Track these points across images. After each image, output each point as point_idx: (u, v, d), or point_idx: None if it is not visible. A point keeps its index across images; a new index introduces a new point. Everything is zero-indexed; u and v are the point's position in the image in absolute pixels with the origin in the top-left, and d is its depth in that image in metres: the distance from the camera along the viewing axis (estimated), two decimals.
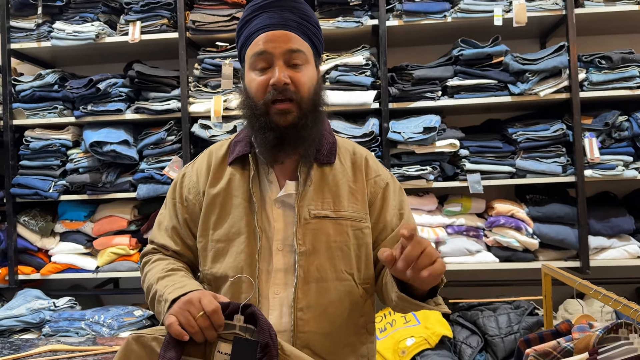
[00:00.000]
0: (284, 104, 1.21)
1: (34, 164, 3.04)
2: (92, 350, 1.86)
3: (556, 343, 1.51)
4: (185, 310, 1.06)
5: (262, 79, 1.23)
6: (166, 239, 1.36)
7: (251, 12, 1.27)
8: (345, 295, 1.26)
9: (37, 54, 3.25)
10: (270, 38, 1.22)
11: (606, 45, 3.03)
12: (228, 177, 1.31)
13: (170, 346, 1.04)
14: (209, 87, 2.95)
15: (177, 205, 1.36)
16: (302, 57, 1.25)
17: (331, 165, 1.31)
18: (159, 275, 1.26)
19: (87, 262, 3.03)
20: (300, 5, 1.27)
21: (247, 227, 1.26)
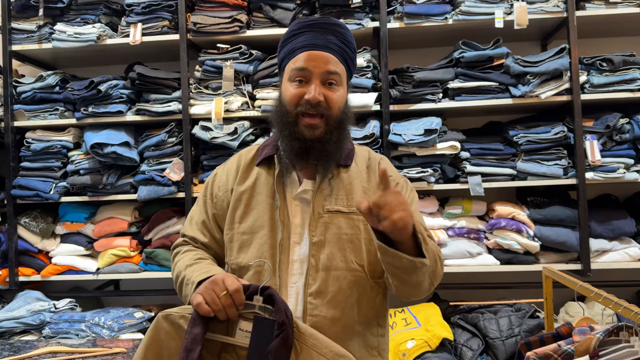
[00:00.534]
0: (314, 119, 1.34)
1: (35, 165, 3.04)
2: (92, 352, 1.86)
3: (557, 346, 1.51)
4: (211, 290, 1.15)
5: (297, 91, 1.35)
6: (196, 232, 1.47)
7: (298, 29, 1.38)
8: (354, 285, 1.33)
9: (38, 55, 3.25)
10: (312, 57, 1.34)
11: (607, 48, 3.03)
12: (255, 176, 1.44)
13: (196, 323, 1.14)
14: (210, 89, 2.95)
15: (208, 201, 1.48)
16: (338, 78, 1.36)
17: (347, 167, 1.42)
18: (188, 263, 1.36)
19: (88, 263, 3.03)
20: (343, 30, 1.39)
21: (270, 221, 1.37)
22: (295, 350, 1.14)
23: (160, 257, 2.95)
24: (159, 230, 3.02)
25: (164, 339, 1.17)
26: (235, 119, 2.94)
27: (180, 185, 2.95)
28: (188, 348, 1.11)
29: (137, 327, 2.79)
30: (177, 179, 2.91)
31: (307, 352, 1.14)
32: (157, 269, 2.98)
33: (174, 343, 1.17)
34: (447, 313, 2.85)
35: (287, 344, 1.12)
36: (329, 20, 1.39)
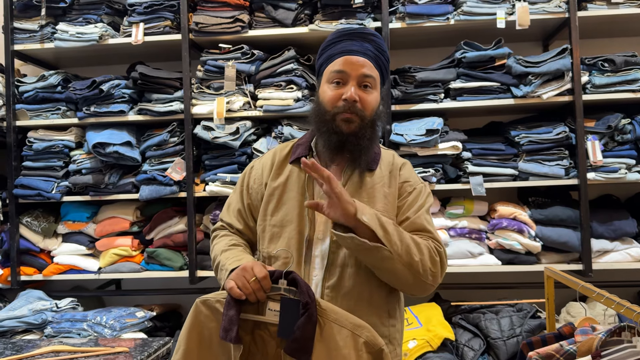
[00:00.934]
0: (350, 115, 1.44)
1: (37, 165, 3.05)
2: (94, 351, 1.86)
3: (559, 346, 1.51)
4: (242, 276, 1.31)
5: (335, 92, 1.46)
6: (232, 219, 1.62)
7: (337, 37, 1.51)
8: (367, 281, 1.44)
9: (41, 55, 3.26)
10: (350, 61, 1.46)
11: (609, 48, 3.02)
12: (287, 174, 1.55)
13: (231, 305, 1.29)
14: (212, 88, 2.96)
15: (244, 192, 1.61)
16: (372, 82, 1.48)
17: (372, 171, 1.52)
18: (223, 248, 1.52)
19: (90, 263, 3.04)
20: (378, 40, 1.52)
21: (299, 217, 1.48)
22: (319, 325, 1.29)
23: (162, 256, 2.95)
24: (161, 230, 3.02)
25: (204, 320, 1.34)
26: (237, 119, 2.94)
27: (182, 185, 2.95)
28: (226, 328, 1.28)
29: (138, 327, 2.80)
30: (179, 179, 2.91)
31: (330, 325, 1.29)
32: (159, 268, 2.99)
33: (213, 324, 1.33)
34: (448, 313, 2.85)
35: (312, 320, 1.27)
36: (366, 30, 1.52)
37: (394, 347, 1.50)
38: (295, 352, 1.26)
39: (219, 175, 2.90)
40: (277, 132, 2.92)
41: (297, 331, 1.26)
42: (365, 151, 1.48)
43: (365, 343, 1.29)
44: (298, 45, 3.01)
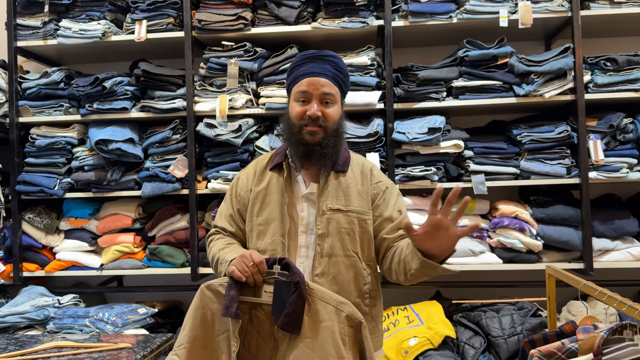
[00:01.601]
0: (314, 127, 1.68)
1: (40, 161, 3.05)
2: (97, 347, 1.87)
3: (560, 344, 1.51)
4: (241, 262, 1.53)
5: (301, 109, 1.70)
6: (225, 224, 1.84)
7: (301, 60, 1.74)
8: (350, 267, 1.69)
9: (43, 52, 3.26)
10: (312, 82, 1.68)
11: (611, 48, 3.02)
12: (268, 179, 1.79)
13: (232, 287, 1.50)
14: (215, 86, 2.96)
15: (233, 199, 1.85)
16: (332, 98, 1.71)
17: (345, 172, 1.76)
18: (221, 247, 1.74)
19: (92, 259, 3.04)
20: (336, 60, 1.74)
21: (280, 214, 1.71)
22: (308, 302, 1.49)
23: (164, 253, 2.96)
24: (163, 227, 3.03)
25: (208, 302, 1.54)
26: (240, 117, 2.95)
27: (184, 182, 2.96)
28: (227, 306, 1.48)
29: (140, 323, 2.80)
30: (181, 176, 2.92)
31: (316, 302, 1.50)
32: (161, 265, 2.99)
33: (215, 305, 1.53)
34: (449, 311, 2.86)
35: (302, 297, 1.47)
36: (325, 53, 1.74)
37: (376, 324, 1.76)
38: (287, 325, 1.47)
39: (221, 173, 2.91)
40: (280, 130, 2.92)
41: (289, 307, 1.47)
42: (329, 157, 1.71)
43: (347, 317, 1.49)
44: (301, 43, 3.02)
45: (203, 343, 1.53)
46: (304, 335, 1.47)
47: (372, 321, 1.73)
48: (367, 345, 1.51)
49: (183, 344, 1.53)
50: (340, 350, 1.46)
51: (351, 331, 1.49)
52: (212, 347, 1.52)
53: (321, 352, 1.45)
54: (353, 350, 1.49)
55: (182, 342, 1.53)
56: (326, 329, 1.47)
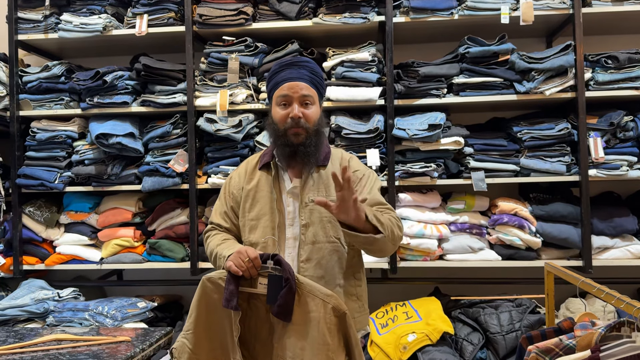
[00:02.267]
0: (297, 129, 1.80)
1: (40, 155, 3.06)
2: (96, 340, 1.87)
3: (558, 340, 1.52)
4: (238, 257, 1.66)
5: (283, 112, 1.83)
6: (220, 220, 1.96)
7: (279, 67, 1.88)
8: (334, 252, 1.82)
9: (44, 45, 3.26)
10: (291, 86, 1.82)
11: (613, 45, 3.02)
12: (258, 178, 1.92)
13: (231, 281, 1.65)
14: (215, 81, 2.96)
15: (227, 197, 1.97)
16: (311, 99, 1.84)
17: (325, 167, 1.89)
18: (218, 243, 1.87)
19: (92, 253, 3.05)
20: (311, 65, 1.88)
21: (270, 210, 1.85)
22: (297, 294, 1.65)
23: (164, 247, 2.97)
24: (163, 221, 3.03)
25: (209, 293, 1.70)
26: (240, 112, 2.95)
27: (185, 177, 2.96)
28: (228, 299, 1.63)
29: (140, 317, 2.81)
30: (181, 171, 2.92)
31: (305, 295, 1.65)
32: (161, 259, 3.00)
33: (216, 295, 1.69)
34: (448, 307, 2.86)
35: (291, 290, 1.63)
36: (300, 59, 1.88)
37: (362, 303, 1.90)
38: (280, 314, 1.64)
39: (221, 168, 2.91)
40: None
41: (280, 299, 1.63)
42: (313, 155, 1.83)
43: (332, 308, 1.64)
44: (302, 38, 3.01)
45: (208, 326, 1.71)
46: (295, 323, 1.65)
47: (359, 300, 1.89)
48: (352, 332, 1.67)
49: (190, 329, 1.71)
50: (326, 337, 1.63)
51: (336, 320, 1.65)
52: (217, 330, 1.70)
53: (309, 338, 1.63)
54: (338, 337, 1.66)
55: (190, 328, 1.71)
56: (313, 318, 1.64)
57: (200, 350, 1.71)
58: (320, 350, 1.62)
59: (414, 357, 2.55)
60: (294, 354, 1.63)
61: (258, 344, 1.72)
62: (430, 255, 2.87)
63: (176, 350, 1.73)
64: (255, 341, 1.72)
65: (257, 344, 1.72)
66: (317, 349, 1.62)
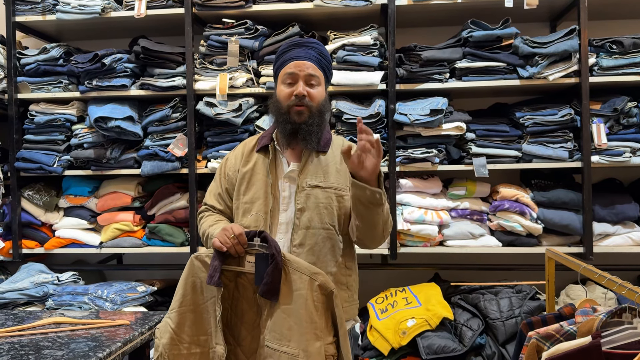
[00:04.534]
0: (301, 107, 1.78)
1: (39, 138, 3.03)
2: (95, 323, 1.87)
3: (559, 326, 1.51)
4: (223, 234, 1.66)
5: (288, 90, 1.81)
6: (214, 202, 1.96)
7: (287, 47, 1.86)
8: (327, 240, 1.79)
9: (42, 27, 3.22)
10: (298, 64, 1.80)
11: (617, 30, 2.98)
12: (254, 160, 1.89)
13: (215, 258, 1.64)
14: (215, 64, 2.93)
15: (222, 179, 1.95)
16: (317, 80, 1.82)
17: (325, 153, 1.87)
18: (210, 224, 1.86)
19: (91, 237, 3.04)
20: (319, 46, 1.86)
21: (265, 194, 1.83)
22: (284, 272, 1.64)
23: (164, 232, 2.96)
24: (162, 206, 3.02)
25: (197, 271, 1.68)
26: (240, 96, 2.92)
27: (184, 161, 2.94)
28: (211, 275, 1.63)
29: (139, 301, 2.81)
30: (181, 155, 2.90)
31: (292, 272, 1.64)
32: (160, 244, 2.99)
33: (203, 274, 1.67)
34: (447, 293, 2.86)
35: (277, 268, 1.62)
36: (309, 40, 1.86)
37: (352, 293, 1.88)
38: (266, 294, 1.62)
39: (221, 152, 2.89)
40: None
41: (267, 277, 1.61)
42: (315, 135, 1.80)
43: (319, 286, 1.62)
44: (302, 21, 2.98)
45: (193, 307, 1.68)
46: (282, 302, 1.63)
47: (348, 290, 1.87)
48: (338, 312, 1.65)
49: (175, 308, 1.69)
50: (313, 315, 1.61)
51: (323, 299, 1.63)
52: (201, 311, 1.68)
53: (296, 317, 1.61)
54: (325, 316, 1.64)
55: (174, 307, 1.69)
56: (300, 296, 1.62)
57: (182, 332, 1.67)
58: (307, 329, 1.59)
59: (413, 342, 2.55)
60: (280, 334, 1.62)
61: (244, 328, 1.70)
62: (431, 241, 2.86)
63: (158, 330, 1.70)
64: (241, 325, 1.70)
65: (243, 328, 1.70)
66: (305, 328, 1.59)
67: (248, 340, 1.69)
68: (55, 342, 1.67)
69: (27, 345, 1.65)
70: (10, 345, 1.65)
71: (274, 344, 1.62)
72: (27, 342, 1.68)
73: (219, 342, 1.64)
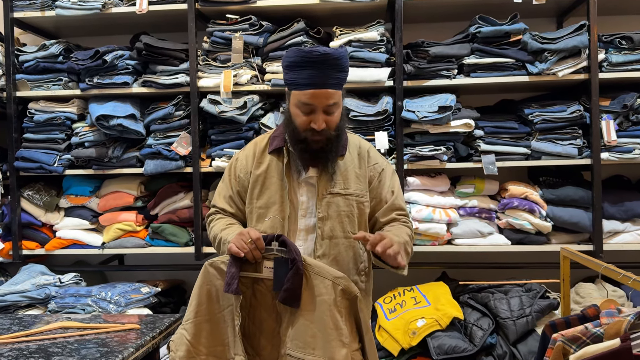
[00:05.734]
0: (318, 137, 1.68)
1: (38, 137, 2.97)
2: (104, 327, 1.82)
3: (584, 328, 1.48)
4: (240, 239, 1.58)
5: (305, 119, 1.68)
6: (224, 204, 1.87)
7: (303, 62, 1.63)
8: (349, 249, 1.75)
9: (41, 23, 3.15)
10: (316, 95, 1.65)
11: (626, 26, 2.95)
12: (268, 162, 1.80)
13: (232, 264, 1.57)
14: (219, 61, 2.87)
15: (232, 181, 1.87)
16: (336, 105, 1.69)
17: (343, 156, 1.78)
18: (222, 228, 1.79)
19: (93, 238, 2.99)
20: (340, 62, 1.66)
21: (280, 198, 1.75)
22: (305, 277, 1.57)
23: (167, 232, 2.91)
24: (165, 205, 2.97)
25: (211, 279, 1.62)
26: (244, 93, 2.87)
27: (188, 160, 2.89)
28: (228, 282, 1.56)
29: (143, 303, 2.76)
30: (185, 153, 2.85)
31: (314, 277, 1.57)
32: (164, 244, 2.94)
33: (219, 282, 1.61)
34: (456, 292, 2.83)
35: (298, 272, 1.55)
36: (328, 55, 1.63)
37: (369, 299, 1.86)
38: (287, 300, 1.55)
39: (226, 151, 2.84)
40: (285, 107, 2.83)
41: (287, 282, 1.54)
42: (333, 157, 1.73)
43: (342, 290, 1.56)
44: (308, 17, 2.93)
45: (209, 317, 1.62)
46: (304, 309, 1.56)
47: (367, 296, 1.84)
48: (363, 316, 1.61)
49: (190, 319, 1.62)
50: (338, 322, 1.54)
51: (347, 303, 1.58)
52: (217, 320, 1.61)
53: (320, 324, 1.54)
54: (349, 321, 1.58)
55: (189, 318, 1.62)
56: (323, 302, 1.55)
57: (199, 343, 1.61)
58: (332, 336, 1.53)
59: (422, 342, 2.52)
60: (304, 343, 1.55)
61: (263, 337, 1.63)
62: (439, 240, 2.83)
63: (173, 343, 1.64)
64: (260, 334, 1.63)
65: (262, 337, 1.63)
66: (330, 335, 1.53)
67: (268, 350, 1.63)
68: (65, 348, 1.62)
69: (35, 352, 1.59)
70: (19, 352, 1.60)
71: (297, 353, 1.55)
72: (36, 349, 1.63)
73: (238, 352, 1.57)
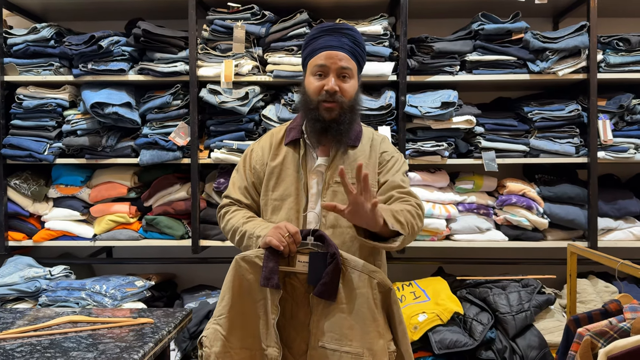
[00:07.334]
0: (331, 104, 1.69)
1: (27, 124, 2.85)
2: (116, 322, 1.75)
3: (609, 323, 1.50)
4: (277, 232, 1.57)
5: (318, 84, 1.70)
6: (239, 195, 1.84)
7: (318, 32, 1.73)
8: (355, 238, 1.66)
9: (28, 5, 3.01)
10: (329, 55, 1.68)
11: (623, 28, 3.02)
12: (284, 154, 1.80)
13: (270, 258, 1.56)
14: (219, 50, 2.81)
15: (247, 172, 1.85)
16: (349, 72, 1.71)
17: (355, 147, 1.78)
18: (243, 220, 1.75)
19: (84, 229, 2.88)
20: (354, 33, 1.73)
21: (296, 191, 1.75)
22: (342, 271, 1.58)
23: (162, 224, 2.83)
24: (160, 197, 2.89)
25: (244, 273, 1.61)
26: (245, 84, 2.81)
27: (185, 151, 2.82)
28: (267, 277, 1.55)
29: (138, 296, 2.69)
30: (183, 144, 2.78)
31: (350, 271, 1.59)
32: (158, 236, 2.86)
33: (251, 276, 1.60)
34: (453, 287, 2.85)
35: (338, 267, 1.56)
36: (342, 26, 1.74)
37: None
38: (324, 294, 1.56)
39: (225, 142, 2.78)
40: (287, 99, 2.80)
41: (326, 277, 1.55)
42: (346, 133, 1.72)
43: (378, 284, 1.58)
44: (311, 8, 2.89)
45: (241, 311, 1.61)
46: (340, 302, 1.57)
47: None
48: (396, 309, 1.62)
49: (223, 313, 1.61)
50: (375, 314, 1.57)
51: (381, 296, 1.59)
52: (249, 314, 1.61)
53: (357, 317, 1.56)
54: (383, 314, 1.61)
55: (223, 312, 1.61)
56: (361, 295, 1.57)
57: (233, 337, 1.61)
58: (370, 327, 1.56)
59: (424, 337, 2.53)
60: (340, 335, 1.56)
61: (293, 330, 1.63)
62: (438, 235, 2.84)
63: (207, 339, 1.61)
64: (289, 327, 1.63)
65: (292, 330, 1.63)
66: (368, 327, 1.56)
67: (297, 342, 1.62)
68: (80, 343, 1.55)
69: (50, 347, 1.52)
70: (32, 347, 1.52)
71: (333, 345, 1.57)
72: (49, 344, 1.55)
73: (270, 344, 1.58)
